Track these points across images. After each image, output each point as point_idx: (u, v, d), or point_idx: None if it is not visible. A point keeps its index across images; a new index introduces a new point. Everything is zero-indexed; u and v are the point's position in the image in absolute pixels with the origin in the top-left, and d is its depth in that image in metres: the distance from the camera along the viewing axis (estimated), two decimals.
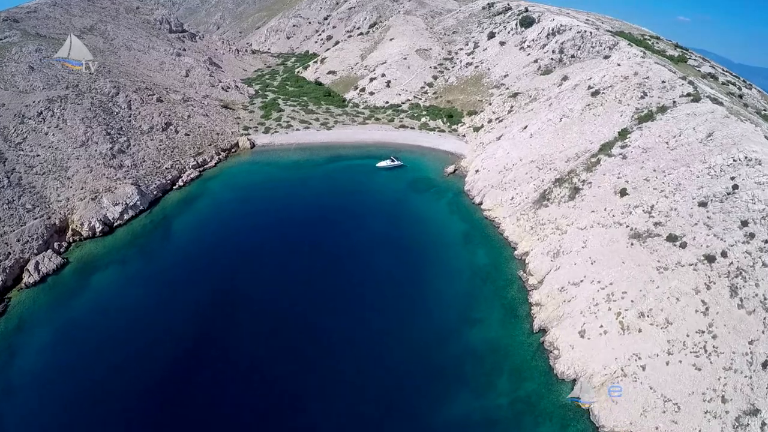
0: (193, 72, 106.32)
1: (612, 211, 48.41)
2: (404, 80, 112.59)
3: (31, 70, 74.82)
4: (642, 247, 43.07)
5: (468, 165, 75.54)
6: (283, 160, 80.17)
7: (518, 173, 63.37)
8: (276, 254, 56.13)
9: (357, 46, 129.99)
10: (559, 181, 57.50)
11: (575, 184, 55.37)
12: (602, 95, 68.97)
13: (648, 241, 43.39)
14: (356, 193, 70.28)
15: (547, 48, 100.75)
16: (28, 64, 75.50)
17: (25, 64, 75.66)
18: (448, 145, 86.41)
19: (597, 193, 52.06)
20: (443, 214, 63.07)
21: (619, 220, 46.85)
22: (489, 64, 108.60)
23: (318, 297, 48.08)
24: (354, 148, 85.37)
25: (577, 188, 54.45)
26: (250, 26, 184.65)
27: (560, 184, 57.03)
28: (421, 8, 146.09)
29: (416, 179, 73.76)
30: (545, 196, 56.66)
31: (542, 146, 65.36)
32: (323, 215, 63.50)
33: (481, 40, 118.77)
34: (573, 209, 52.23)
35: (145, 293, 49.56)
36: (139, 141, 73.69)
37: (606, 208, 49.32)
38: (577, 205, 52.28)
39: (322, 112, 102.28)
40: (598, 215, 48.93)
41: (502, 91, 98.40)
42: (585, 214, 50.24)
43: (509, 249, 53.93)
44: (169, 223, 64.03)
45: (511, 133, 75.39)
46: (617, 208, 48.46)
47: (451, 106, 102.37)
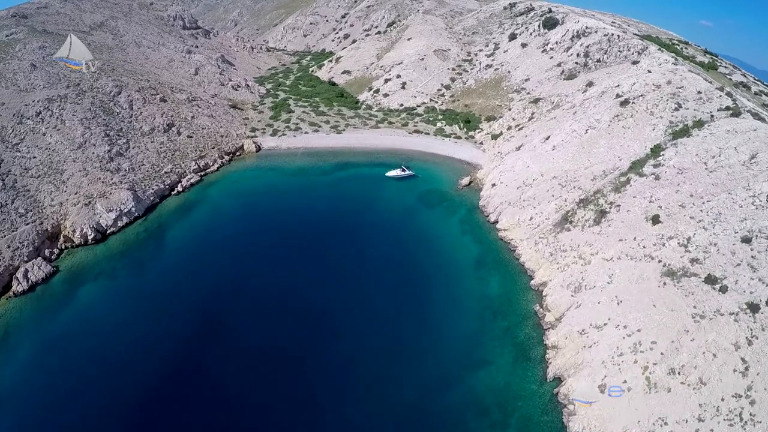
0: (202, 70, 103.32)
1: (643, 241, 42.69)
2: (420, 82, 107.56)
3: (33, 68, 72.43)
4: (676, 288, 37.44)
5: (484, 177, 70.06)
6: (288, 166, 76.14)
7: (539, 190, 57.68)
8: (271, 274, 51.93)
9: (373, 46, 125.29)
10: (584, 202, 51.73)
11: (602, 206, 49.60)
12: (632, 105, 62.85)
13: (683, 281, 37.72)
14: (362, 206, 65.45)
15: (571, 51, 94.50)
16: (31, 62, 73.15)
17: (27, 61, 73.35)
18: (463, 154, 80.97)
19: (626, 219, 46.27)
20: (455, 233, 57.81)
21: (651, 253, 41.15)
22: (509, 67, 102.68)
23: (310, 328, 43.76)
24: (364, 155, 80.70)
25: (604, 211, 48.71)
26: (267, 23, 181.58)
27: (585, 205, 51.31)
28: (441, 7, 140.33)
29: (428, 191, 68.56)
30: (568, 218, 51.01)
31: (566, 160, 59.49)
32: (325, 230, 58.99)
33: (501, 41, 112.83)
34: (598, 236, 46.55)
35: (132, 310, 46.47)
36: (138, 143, 70.70)
37: (636, 237, 43.58)
38: (603, 231, 46.62)
39: (333, 114, 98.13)
40: (627, 245, 43.24)
41: (523, 96, 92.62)
42: (612, 243, 44.57)
43: (525, 277, 48.57)
44: (164, 233, 60.72)
45: (532, 143, 69.77)
46: (649, 238, 42.74)
47: (469, 111, 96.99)
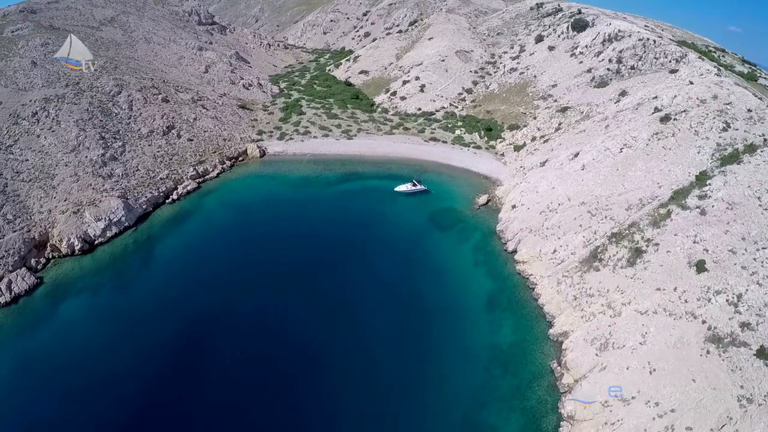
0: (213, 68, 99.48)
1: (684, 293, 35.76)
2: (440, 85, 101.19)
3: (33, 65, 69.48)
4: (721, 360, 30.74)
5: (504, 196, 63.27)
6: (292, 175, 71.10)
7: (564, 217, 50.71)
8: (259, 301, 46.84)
9: (393, 45, 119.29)
10: (617, 237, 44.51)
11: (637, 243, 42.54)
12: (674, 122, 55.30)
13: (730, 351, 31.00)
14: (367, 226, 59.47)
15: (602, 56, 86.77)
16: (32, 59, 70.19)
17: (28, 59, 70.44)
18: (483, 166, 74.28)
19: (665, 262, 39.17)
20: (467, 263, 51.14)
21: (694, 310, 34.32)
22: (535, 71, 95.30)
23: (293, 370, 38.75)
24: (374, 165, 74.97)
25: (640, 250, 41.65)
26: (288, 20, 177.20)
27: (618, 240, 44.09)
28: (465, 6, 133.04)
29: (440, 211, 61.83)
30: (597, 255, 43.88)
31: (597, 184, 52.31)
32: (324, 254, 53.55)
33: (527, 43, 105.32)
34: (632, 281, 39.58)
35: (112, 330, 43.56)
36: (135, 146, 66.97)
37: (677, 287, 36.60)
38: (638, 276, 39.62)
39: (346, 118, 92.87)
40: (666, 297, 36.30)
41: (549, 103, 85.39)
42: (648, 292, 37.64)
43: (543, 324, 42.02)
44: (153, 246, 56.68)
45: (558, 159, 62.84)
46: (692, 289, 35.82)
47: (491, 118, 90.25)
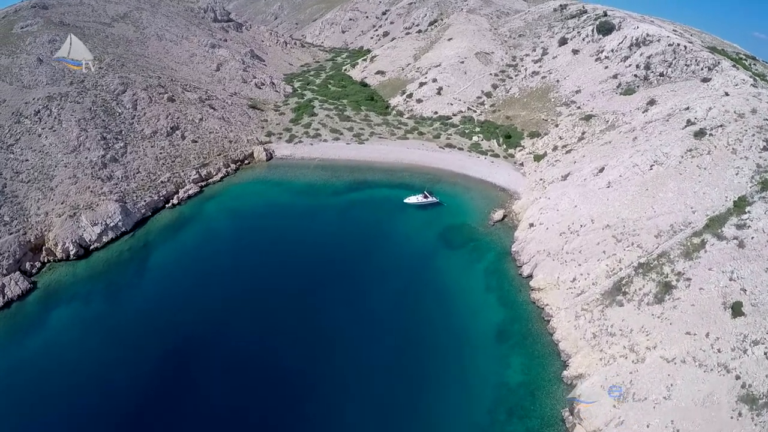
0: (225, 66, 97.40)
1: (717, 341, 31.25)
2: (458, 87, 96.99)
3: (39, 62, 68.17)
4: (754, 426, 26.31)
5: (521, 211, 58.73)
6: (298, 181, 68.01)
7: (587, 241, 46.15)
8: (251, 321, 43.81)
9: (411, 45, 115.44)
10: (644, 268, 39.63)
11: (666, 277, 37.81)
12: (710, 139, 50.26)
13: (765, 415, 26.68)
14: (372, 241, 55.46)
15: (629, 62, 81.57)
16: (38, 56, 68.91)
17: (34, 56, 69.21)
18: (500, 177, 69.73)
19: (697, 301, 34.61)
20: (477, 288, 46.86)
21: (727, 362, 29.85)
22: (558, 76, 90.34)
23: (281, 401, 35.86)
24: (384, 172, 71.21)
25: (669, 285, 37.01)
26: (307, 18, 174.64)
27: (645, 272, 39.16)
28: (487, 6, 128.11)
29: (452, 227, 57.51)
30: (621, 287, 39.11)
31: (623, 205, 47.59)
32: (324, 271, 50.19)
33: (550, 46, 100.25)
34: (659, 321, 35.07)
35: (101, 342, 41.97)
36: (137, 147, 65.03)
37: (709, 332, 32.04)
38: (667, 315, 35.10)
39: (359, 120, 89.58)
40: (696, 343, 31.77)
41: (573, 110, 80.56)
42: (676, 336, 33.16)
43: (557, 363, 37.66)
44: (148, 254, 54.46)
45: (582, 173, 58.22)
46: (726, 336, 31.30)
47: (510, 124, 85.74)
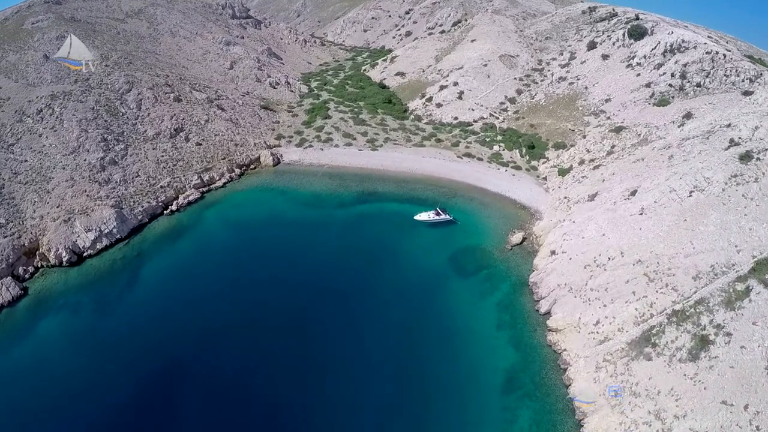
0: (239, 64, 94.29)
1: (757, 416, 24.90)
2: (481, 92, 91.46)
3: (45, 60, 65.93)
4: None
5: (543, 235, 53.11)
6: (303, 190, 63.76)
7: (614, 278, 40.36)
8: (240, 343, 40.32)
9: (433, 46, 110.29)
10: (679, 317, 33.77)
11: (704, 329, 31.98)
12: (757, 164, 43.39)
13: None
14: (377, 261, 50.54)
15: (663, 69, 75.16)
16: (44, 53, 66.80)
17: (41, 53, 67.19)
18: (521, 193, 63.80)
19: (737, 362, 28.84)
20: (488, 324, 41.56)
21: None
22: (587, 82, 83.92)
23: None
24: (396, 183, 66.26)
25: (706, 339, 31.37)
26: (329, 16, 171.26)
27: (679, 321, 33.36)
28: (513, 7, 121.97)
29: (465, 250, 51.80)
30: (650, 338, 33.38)
31: (658, 237, 41.54)
32: (323, 293, 46.08)
33: (578, 49, 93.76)
34: (692, 383, 29.44)
35: (86, 355, 40.02)
36: (138, 150, 62.05)
37: (748, 404, 26.19)
38: (701, 377, 29.44)
39: (374, 125, 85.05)
40: (732, 416, 26.04)
41: (602, 120, 74.23)
42: (710, 405, 27.54)
43: (570, 422, 32.27)
44: (141, 264, 51.26)
45: (611, 195, 52.14)
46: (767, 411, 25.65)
47: (534, 133, 79.81)
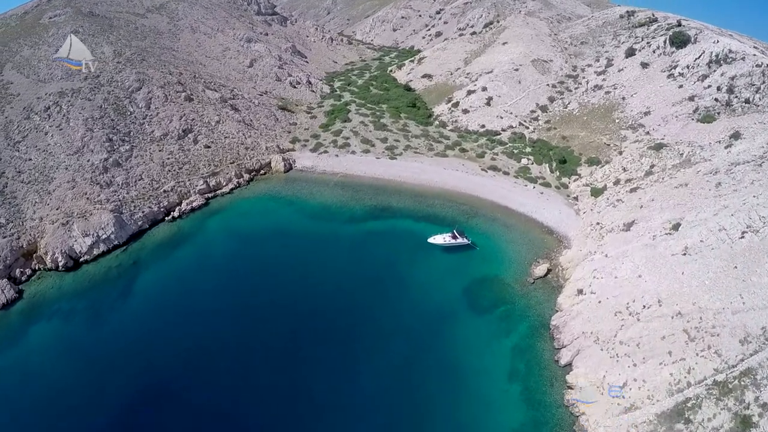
0: (259, 62, 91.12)
1: None
2: (510, 98, 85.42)
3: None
4: None
5: (570, 267, 46.84)
6: (313, 201, 59.58)
7: (649, 331, 34.16)
8: (229, 365, 37.43)
9: (462, 48, 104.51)
10: (720, 389, 28.23)
11: (747, 407, 26.16)
12: None
13: None
14: (383, 289, 45.79)
15: (708, 82, 67.96)
16: (57, 48, 65.46)
17: (54, 48, 65.41)
18: (549, 215, 57.61)
19: None
20: (499, 372, 36.41)
21: None
22: (624, 92, 76.92)
23: None
24: (413, 198, 61.03)
25: (749, 421, 25.48)
26: (359, 14, 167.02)
27: (720, 395, 27.87)
28: (547, 10, 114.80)
29: (482, 281, 46.26)
30: (684, 412, 28.00)
31: (703, 286, 35.09)
32: (322, 317, 42.01)
33: (616, 56, 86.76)
34: None
35: (72, 368, 38.19)
36: (144, 151, 59.32)
37: None
38: None
39: (395, 130, 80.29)
40: None
41: (640, 135, 67.32)
42: None
43: None
44: (137, 274, 48.52)
45: (650, 225, 45.54)
46: None
47: (566, 146, 73.36)
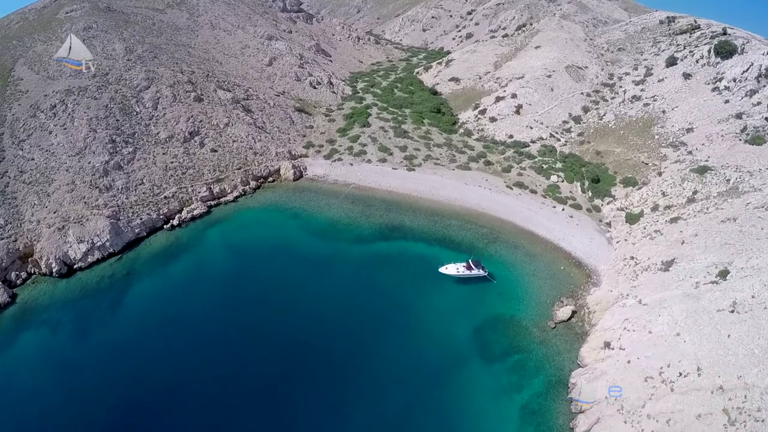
0: (279, 60, 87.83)
1: None
2: (542, 107, 79.37)
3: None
4: None
5: (598, 311, 40.53)
6: (320, 216, 55.14)
7: (683, 405, 28.22)
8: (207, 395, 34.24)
9: (493, 51, 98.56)
10: None
11: None
12: None
13: None
14: (384, 326, 41.01)
15: (756, 98, 61.50)
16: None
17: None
18: (578, 243, 51.24)
19: None
20: None
21: None
22: (664, 104, 70.00)
23: None
24: (429, 216, 55.69)
25: None
26: (390, 13, 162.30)
27: None
28: (582, 13, 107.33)
29: (496, 321, 40.91)
30: None
31: (751, 356, 28.72)
32: (313, 352, 37.87)
33: (655, 65, 79.79)
34: None
35: (55, 382, 36.48)
36: (147, 154, 56.65)
37: None
38: None
39: (417, 138, 75.43)
40: None
41: (681, 155, 60.51)
42: None
43: None
44: (128, 285, 45.85)
45: (692, 268, 38.97)
46: None
47: (600, 163, 66.84)
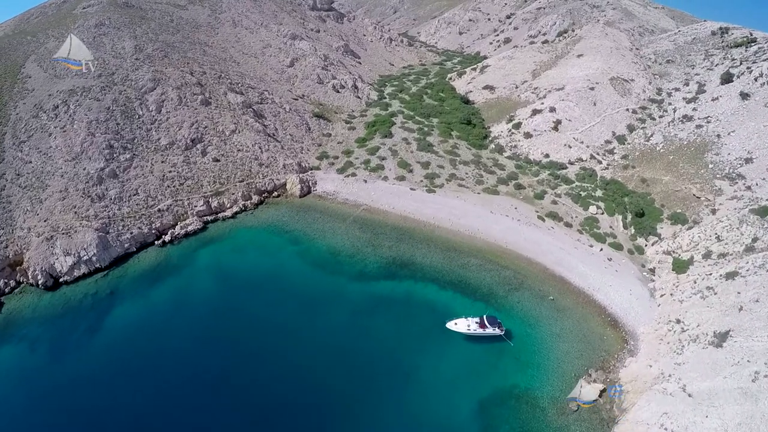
0: (301, 61, 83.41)
1: None
2: (583, 123, 71.54)
3: None
4: None
5: (632, 391, 32.87)
6: (322, 242, 49.71)
7: None
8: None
9: (531, 58, 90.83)
10: None
11: None
12: None
13: None
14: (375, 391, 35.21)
15: None
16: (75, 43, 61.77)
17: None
18: (616, 296, 43.44)
19: None
20: None
21: None
22: (719, 128, 61.32)
23: None
24: (443, 253, 48.84)
25: None
26: (426, 14, 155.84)
27: None
28: (628, 20, 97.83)
29: (507, 395, 34.63)
30: None
31: None
32: (290, 411, 33.16)
33: (708, 81, 70.79)
34: None
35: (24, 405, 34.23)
36: (145, 161, 53.18)
37: None
38: None
39: (442, 153, 68.76)
40: None
41: (739, 190, 52.18)
42: None
43: None
44: (111, 306, 42.66)
45: (752, 348, 31.15)
46: None
47: (646, 192, 58.66)
